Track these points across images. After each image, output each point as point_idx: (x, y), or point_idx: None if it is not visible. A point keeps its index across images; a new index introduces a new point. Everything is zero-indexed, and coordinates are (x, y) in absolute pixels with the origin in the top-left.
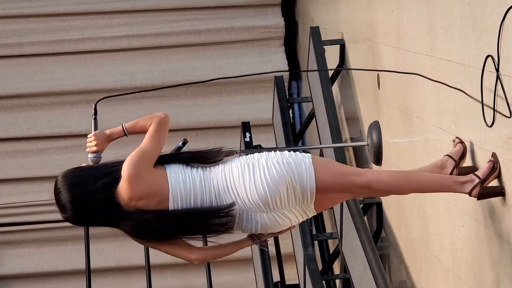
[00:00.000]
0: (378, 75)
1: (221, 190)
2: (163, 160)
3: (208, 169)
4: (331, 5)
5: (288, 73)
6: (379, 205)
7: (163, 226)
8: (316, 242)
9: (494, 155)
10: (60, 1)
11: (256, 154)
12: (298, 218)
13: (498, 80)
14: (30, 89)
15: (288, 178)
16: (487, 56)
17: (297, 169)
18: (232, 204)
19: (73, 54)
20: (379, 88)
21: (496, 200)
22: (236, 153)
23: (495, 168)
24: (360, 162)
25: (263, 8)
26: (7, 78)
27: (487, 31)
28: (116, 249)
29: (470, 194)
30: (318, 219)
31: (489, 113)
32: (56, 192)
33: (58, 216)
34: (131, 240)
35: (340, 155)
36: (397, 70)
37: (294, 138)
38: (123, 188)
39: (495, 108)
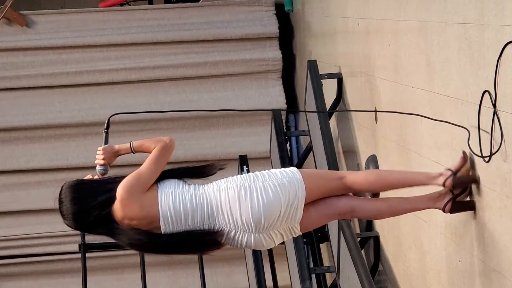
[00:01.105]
0: (375, 109)
1: (214, 209)
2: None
3: (201, 186)
4: (329, 38)
5: (286, 106)
6: (377, 239)
7: (155, 248)
8: (313, 276)
9: (464, 153)
10: (57, 34)
11: (251, 175)
12: (284, 238)
13: (496, 115)
14: (28, 122)
15: (283, 199)
16: (484, 92)
17: (291, 187)
18: (220, 232)
19: (70, 87)
20: (376, 122)
21: (494, 236)
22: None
23: (466, 161)
24: (358, 195)
25: (261, 41)
26: (4, 111)
27: (484, 67)
28: (114, 282)
29: (444, 184)
30: (315, 253)
31: (486, 147)
32: (60, 201)
33: (55, 248)
34: (129, 273)
35: None
36: (396, 110)
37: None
38: (116, 208)
39: (492, 144)
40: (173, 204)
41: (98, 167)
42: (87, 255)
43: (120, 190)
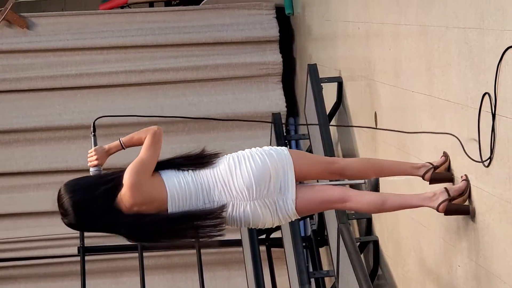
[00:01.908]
0: (375, 113)
1: (210, 185)
2: (157, 167)
3: (197, 170)
4: (329, 42)
5: (285, 109)
6: (376, 243)
7: (160, 228)
8: (312, 280)
9: (445, 153)
10: (58, 36)
11: (239, 151)
12: (281, 220)
13: (494, 120)
14: (28, 124)
15: (271, 166)
16: (484, 94)
17: (278, 158)
18: (223, 207)
19: (70, 89)
20: (376, 126)
21: (494, 241)
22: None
23: (446, 161)
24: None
25: (261, 44)
26: (4, 113)
27: (485, 71)
28: (113, 285)
29: (423, 177)
30: (315, 257)
31: (486, 152)
32: (59, 197)
33: (54, 251)
34: (127, 277)
35: None
36: (393, 126)
37: None
38: (125, 196)
39: (492, 148)
40: (178, 186)
41: (92, 169)
42: (86, 258)
43: (127, 177)
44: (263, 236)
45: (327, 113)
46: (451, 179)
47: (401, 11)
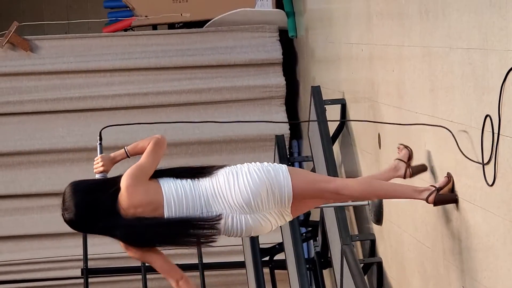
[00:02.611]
0: (379, 134)
1: (209, 196)
2: (157, 174)
3: (196, 180)
4: (332, 64)
5: (289, 132)
6: (380, 265)
7: (155, 232)
8: None
9: (449, 174)
10: (61, 59)
11: (238, 165)
12: (278, 222)
13: (497, 140)
14: (31, 147)
15: (268, 183)
16: (486, 116)
17: (276, 176)
18: (219, 217)
19: (74, 112)
20: (380, 148)
21: (498, 261)
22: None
23: (449, 182)
24: (361, 221)
25: (264, 67)
26: (8, 135)
27: (488, 92)
28: None
29: (427, 200)
30: (318, 279)
31: (490, 172)
32: (64, 198)
33: (58, 273)
34: None
35: (340, 214)
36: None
37: None
38: (122, 197)
39: (496, 168)
40: (175, 191)
41: (97, 175)
42: (90, 280)
43: (125, 179)
44: (267, 258)
45: (331, 135)
46: (455, 200)
47: (405, 32)
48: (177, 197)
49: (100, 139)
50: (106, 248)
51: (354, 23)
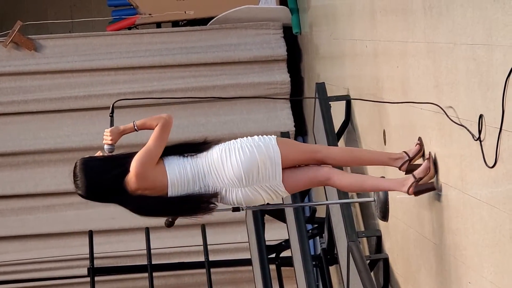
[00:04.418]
0: (384, 131)
1: (205, 172)
2: (163, 152)
3: (196, 156)
4: (337, 61)
5: (294, 129)
6: (386, 261)
7: (162, 207)
8: None
9: (420, 139)
10: (66, 58)
11: (232, 141)
12: (272, 197)
13: (499, 136)
14: (36, 146)
15: (259, 157)
16: (480, 116)
17: (266, 150)
18: (215, 193)
19: (79, 111)
20: (385, 144)
21: (504, 257)
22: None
23: (421, 150)
24: (367, 218)
25: (269, 64)
26: (13, 135)
27: (493, 88)
28: None
29: (400, 168)
30: (325, 275)
31: (495, 169)
32: (75, 175)
33: (64, 273)
34: None
35: (346, 210)
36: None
37: (300, 194)
38: (131, 181)
39: (497, 155)
40: (178, 173)
41: (106, 146)
42: (96, 279)
43: (134, 166)
44: (273, 255)
45: (336, 132)
46: (434, 189)
47: (409, 28)
48: (180, 179)
49: (112, 112)
50: (112, 247)
51: (358, 20)
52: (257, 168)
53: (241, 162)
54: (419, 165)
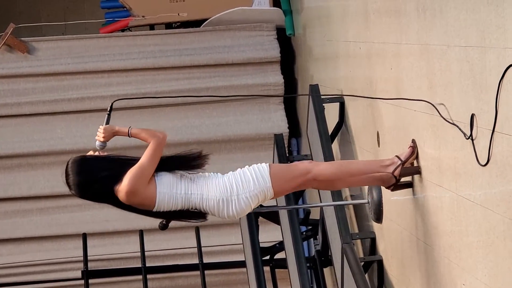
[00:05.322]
0: (378, 132)
1: (198, 207)
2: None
3: (190, 188)
4: (330, 62)
5: (288, 131)
6: (380, 263)
7: (151, 215)
8: None
9: (413, 141)
10: (59, 60)
11: (228, 187)
12: (260, 201)
13: (492, 138)
14: (30, 149)
15: (253, 205)
16: (472, 115)
17: (260, 196)
18: (204, 218)
19: (72, 113)
20: (379, 146)
21: (498, 259)
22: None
23: (414, 153)
24: (361, 219)
25: (263, 66)
26: (6, 138)
27: (486, 90)
28: None
29: (393, 173)
30: (319, 277)
31: (489, 170)
32: (66, 174)
33: (58, 275)
34: None
35: (340, 212)
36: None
37: (294, 196)
38: (121, 194)
39: (490, 155)
40: (167, 203)
41: (97, 143)
42: (90, 281)
43: (127, 182)
44: (267, 257)
45: (330, 133)
46: (418, 172)
47: (402, 30)
48: (168, 206)
49: (110, 110)
50: (106, 249)
51: (352, 21)
52: (250, 211)
53: (237, 212)
54: (413, 167)
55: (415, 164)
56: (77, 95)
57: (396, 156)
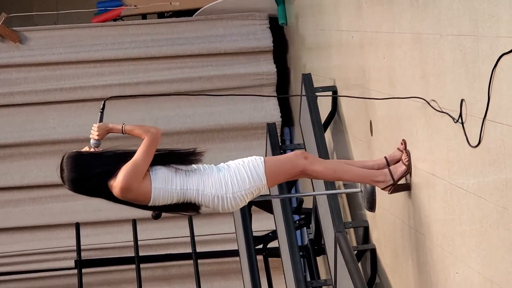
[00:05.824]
0: (370, 121)
1: (194, 200)
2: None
3: (186, 183)
4: (323, 52)
5: (280, 120)
6: (373, 251)
7: (146, 208)
8: None
9: (404, 142)
10: (51, 50)
11: (223, 183)
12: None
13: (483, 125)
14: (22, 138)
15: (248, 200)
16: (462, 100)
17: (255, 192)
18: (197, 211)
19: (65, 103)
20: (372, 135)
21: (491, 247)
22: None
23: (407, 170)
24: (354, 208)
25: (255, 55)
26: None
27: (479, 78)
28: None
29: (383, 189)
30: (312, 266)
31: (481, 159)
32: (61, 169)
33: (51, 265)
34: None
35: (333, 201)
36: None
37: (287, 185)
38: (115, 190)
39: (481, 136)
40: (162, 198)
41: (92, 141)
42: (83, 271)
43: (121, 178)
44: (260, 246)
45: (322, 123)
46: (409, 189)
47: (395, 19)
48: (163, 200)
49: (103, 108)
50: (99, 239)
51: (344, 10)
52: (244, 205)
53: (232, 208)
54: (405, 184)
55: (406, 181)
56: (69, 85)
57: (388, 168)
